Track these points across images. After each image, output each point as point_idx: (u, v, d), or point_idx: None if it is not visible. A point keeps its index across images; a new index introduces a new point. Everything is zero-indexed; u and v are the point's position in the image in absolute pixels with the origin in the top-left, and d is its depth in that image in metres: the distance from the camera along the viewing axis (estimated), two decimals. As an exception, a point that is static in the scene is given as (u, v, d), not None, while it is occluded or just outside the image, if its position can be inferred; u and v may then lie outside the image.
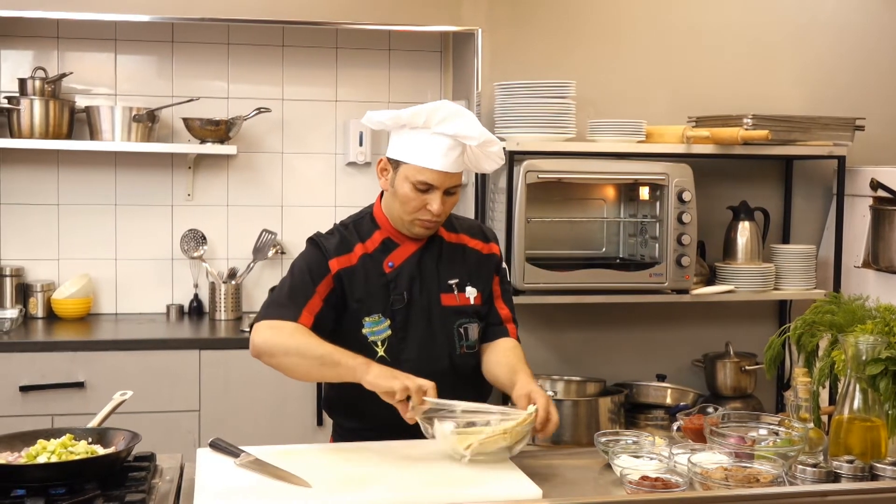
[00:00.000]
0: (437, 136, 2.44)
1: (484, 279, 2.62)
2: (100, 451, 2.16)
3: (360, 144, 4.34)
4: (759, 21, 4.36)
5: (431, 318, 2.54)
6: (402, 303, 2.51)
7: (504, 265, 2.72)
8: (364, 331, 2.50)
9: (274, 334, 2.40)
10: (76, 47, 4.19)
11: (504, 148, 3.76)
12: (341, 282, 2.49)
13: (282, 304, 2.46)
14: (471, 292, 2.58)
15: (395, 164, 2.49)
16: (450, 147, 2.44)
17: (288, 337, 2.39)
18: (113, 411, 2.42)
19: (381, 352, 2.49)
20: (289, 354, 2.38)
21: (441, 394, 2.31)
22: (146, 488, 2.05)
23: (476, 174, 4.08)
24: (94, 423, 2.35)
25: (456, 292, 2.56)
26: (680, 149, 3.94)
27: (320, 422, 3.75)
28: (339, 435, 2.64)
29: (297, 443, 2.61)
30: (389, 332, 2.51)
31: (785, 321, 4.27)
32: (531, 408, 2.31)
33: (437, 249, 2.59)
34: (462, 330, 2.56)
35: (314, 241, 2.55)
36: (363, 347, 2.47)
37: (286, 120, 4.36)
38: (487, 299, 2.62)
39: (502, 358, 2.60)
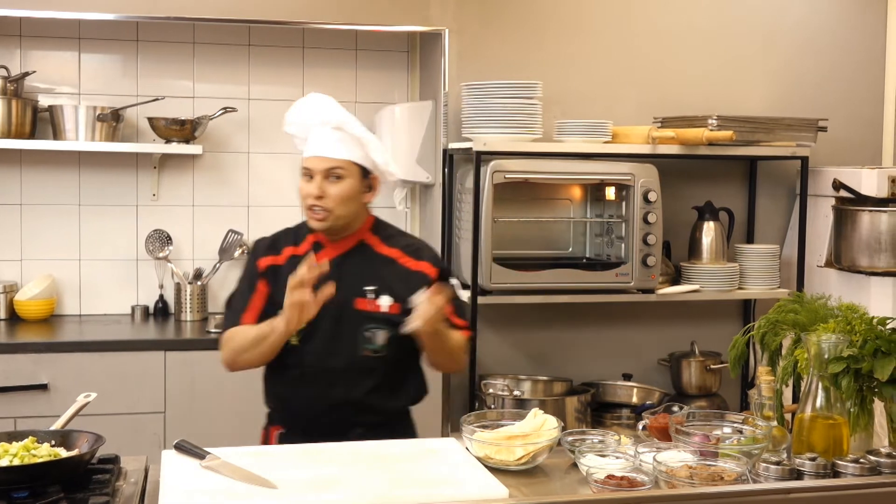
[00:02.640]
0: (315, 127, 2.71)
1: (407, 293, 2.63)
2: (63, 453, 2.14)
3: (327, 144, 4.31)
4: (725, 23, 4.40)
5: (341, 318, 2.65)
6: None
7: (453, 281, 2.81)
8: None
9: (226, 346, 2.69)
10: (39, 46, 4.15)
11: (472, 148, 3.78)
12: (271, 275, 2.71)
13: (227, 316, 2.76)
14: (385, 301, 2.67)
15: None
16: (323, 134, 2.68)
17: (233, 340, 2.68)
18: (77, 413, 2.39)
19: (294, 341, 2.65)
20: (241, 352, 2.66)
21: (338, 390, 2.64)
22: (110, 491, 2.04)
23: (443, 174, 4.08)
24: (57, 424, 2.32)
25: (371, 298, 2.67)
26: (646, 149, 3.97)
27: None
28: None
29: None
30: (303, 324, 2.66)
31: (749, 320, 4.31)
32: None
33: (363, 257, 2.72)
34: (368, 334, 2.66)
35: (251, 247, 2.85)
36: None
37: (252, 119, 4.34)
38: (408, 310, 2.62)
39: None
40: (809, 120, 4.13)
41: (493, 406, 3.77)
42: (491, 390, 3.84)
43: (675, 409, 2.51)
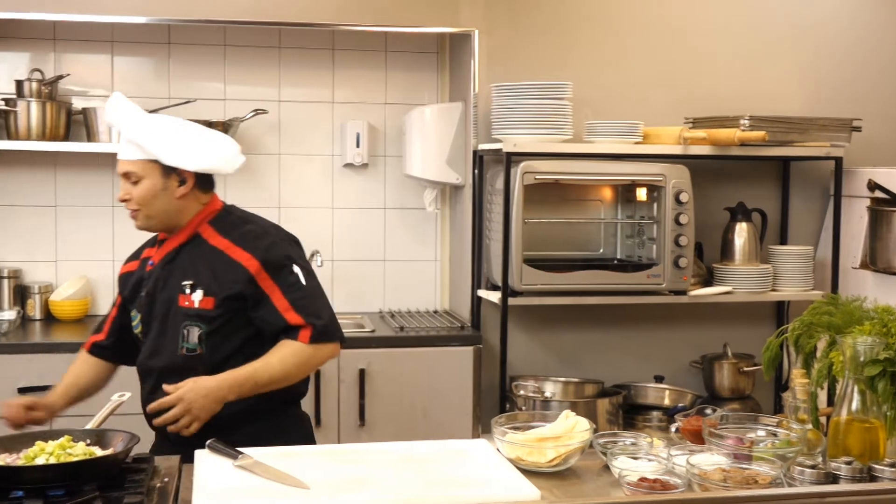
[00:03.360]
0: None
1: (222, 286, 2.57)
2: (98, 452, 2.16)
3: (357, 146, 4.33)
4: (757, 21, 4.37)
5: (168, 315, 2.63)
6: (144, 299, 2.67)
7: (288, 269, 2.60)
8: (133, 323, 2.73)
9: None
10: (73, 49, 4.19)
11: (502, 149, 3.77)
12: (123, 283, 2.78)
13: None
14: (197, 296, 2.59)
15: None
16: (121, 137, 2.67)
17: None
18: (111, 413, 2.41)
19: (138, 333, 2.70)
20: None
21: (159, 390, 2.52)
22: (144, 490, 2.05)
23: (473, 175, 4.08)
24: (92, 423, 2.35)
25: (187, 293, 2.61)
26: (677, 150, 3.95)
27: (318, 422, 3.75)
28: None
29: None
30: (141, 326, 2.69)
31: (783, 322, 4.27)
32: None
33: (191, 250, 2.66)
34: (185, 331, 2.60)
35: None
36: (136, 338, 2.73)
37: (283, 121, 4.36)
38: (224, 305, 2.56)
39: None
40: (843, 119, 4.09)
41: (523, 408, 3.76)
42: (521, 392, 3.84)
43: (708, 411, 2.49)
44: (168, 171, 2.62)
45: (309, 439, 2.72)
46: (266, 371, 2.51)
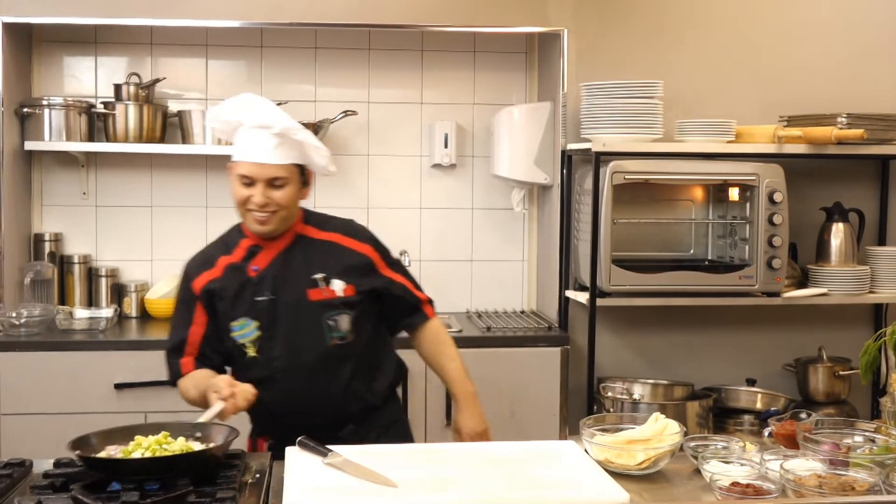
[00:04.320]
0: (251, 129, 2.57)
1: (358, 275, 2.66)
2: (197, 447, 2.20)
3: (446, 146, 4.35)
4: (853, 16, 4.25)
5: (299, 314, 2.61)
6: (265, 302, 2.61)
7: (394, 257, 2.80)
8: (233, 335, 2.63)
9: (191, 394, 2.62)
10: (169, 53, 4.29)
11: (591, 149, 3.75)
12: (209, 296, 2.65)
13: (168, 362, 2.72)
14: (338, 285, 2.63)
15: (231, 165, 2.64)
16: (262, 138, 2.56)
17: (185, 395, 2.64)
18: (221, 412, 2.40)
19: (252, 353, 2.62)
20: (198, 405, 2.57)
21: (319, 385, 2.59)
22: (237, 485, 2.09)
23: (561, 175, 4.06)
24: (203, 418, 2.36)
25: (322, 286, 2.62)
26: (771, 149, 3.87)
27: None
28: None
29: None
30: (258, 332, 2.61)
31: (881, 325, 4.15)
32: None
33: (302, 248, 2.67)
34: (331, 322, 2.62)
35: (182, 271, 2.74)
36: (237, 350, 2.64)
37: (372, 122, 4.40)
38: (364, 292, 2.67)
39: (431, 359, 2.82)
40: (946, 116, 3.96)
41: (611, 409, 3.73)
42: (610, 394, 3.80)
43: (803, 415, 2.44)
44: (302, 173, 2.66)
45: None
46: (459, 358, 2.79)
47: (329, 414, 2.62)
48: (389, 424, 2.75)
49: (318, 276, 2.63)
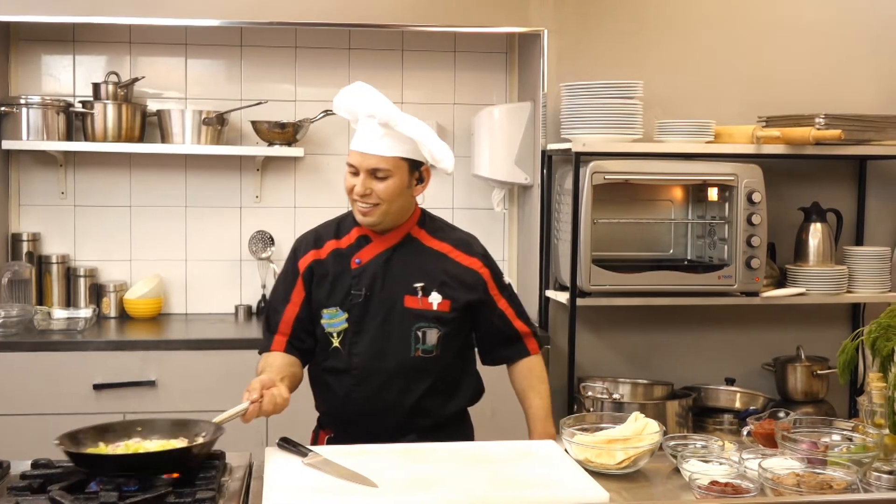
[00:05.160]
0: (363, 119, 2.55)
1: (460, 290, 2.61)
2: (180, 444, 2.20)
3: (426, 146, 4.34)
4: (831, 18, 4.28)
5: (390, 316, 2.57)
6: (360, 298, 2.56)
7: (506, 281, 2.74)
8: (322, 321, 2.59)
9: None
10: (148, 52, 4.27)
11: (571, 149, 3.75)
12: (311, 274, 2.62)
13: (264, 334, 2.67)
14: (435, 298, 2.58)
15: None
16: (369, 128, 2.53)
17: (262, 371, 2.54)
18: (239, 414, 2.36)
19: (335, 343, 2.58)
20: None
21: (392, 393, 2.51)
22: (216, 486, 2.08)
23: (542, 175, 4.06)
24: (218, 419, 2.32)
25: (420, 295, 2.57)
26: (750, 149, 3.89)
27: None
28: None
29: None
30: (346, 325, 2.57)
31: (858, 325, 4.18)
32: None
33: (410, 251, 2.62)
34: (420, 333, 2.57)
35: (293, 246, 2.71)
36: (323, 338, 2.60)
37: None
38: (460, 309, 2.61)
39: (521, 393, 2.77)
40: (923, 118, 3.99)
41: (591, 409, 3.73)
42: (590, 393, 3.81)
43: (781, 414, 2.46)
44: (414, 168, 2.57)
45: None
46: (547, 397, 2.75)
47: (395, 422, 2.58)
48: None
49: (419, 284, 2.57)
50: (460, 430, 2.71)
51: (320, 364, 2.62)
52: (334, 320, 2.58)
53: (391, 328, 2.56)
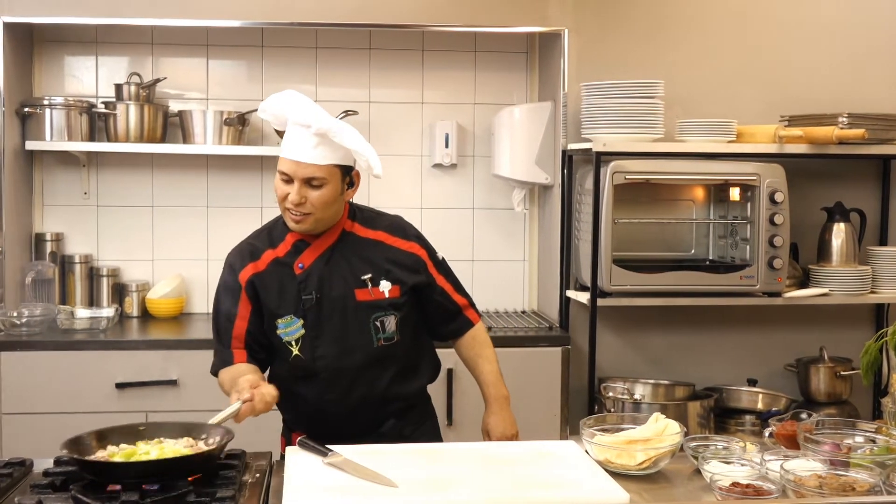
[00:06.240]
0: (294, 126, 2.53)
1: (405, 274, 2.65)
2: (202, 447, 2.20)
3: (447, 146, 4.35)
4: (854, 16, 4.25)
5: (346, 313, 2.59)
6: (311, 301, 2.57)
7: (440, 257, 2.79)
8: (278, 332, 2.60)
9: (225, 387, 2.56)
10: (170, 53, 4.29)
11: (591, 149, 3.74)
12: (254, 288, 2.60)
13: (217, 351, 2.66)
14: (385, 286, 2.61)
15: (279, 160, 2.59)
16: (302, 137, 2.51)
17: (223, 386, 2.58)
18: (233, 414, 2.38)
19: (295, 351, 2.59)
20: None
21: (363, 386, 2.58)
22: (237, 485, 2.09)
23: (562, 175, 4.06)
24: (215, 420, 2.35)
25: (370, 287, 2.60)
26: (772, 149, 3.86)
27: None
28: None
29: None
30: (303, 331, 2.58)
31: (882, 325, 4.15)
32: None
33: (349, 246, 2.64)
34: (378, 323, 2.60)
35: (226, 261, 2.68)
36: (282, 347, 2.61)
37: (373, 122, 4.39)
38: (408, 292, 2.65)
39: (468, 361, 2.81)
40: (947, 117, 3.95)
41: (612, 410, 3.73)
42: (611, 394, 3.80)
43: (804, 416, 2.44)
44: (345, 174, 2.60)
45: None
46: (495, 361, 2.78)
47: (369, 413, 2.63)
48: (422, 422, 2.76)
49: (366, 276, 2.60)
50: (427, 405, 2.82)
51: (283, 375, 2.62)
52: (290, 328, 2.59)
53: (349, 324, 2.59)
